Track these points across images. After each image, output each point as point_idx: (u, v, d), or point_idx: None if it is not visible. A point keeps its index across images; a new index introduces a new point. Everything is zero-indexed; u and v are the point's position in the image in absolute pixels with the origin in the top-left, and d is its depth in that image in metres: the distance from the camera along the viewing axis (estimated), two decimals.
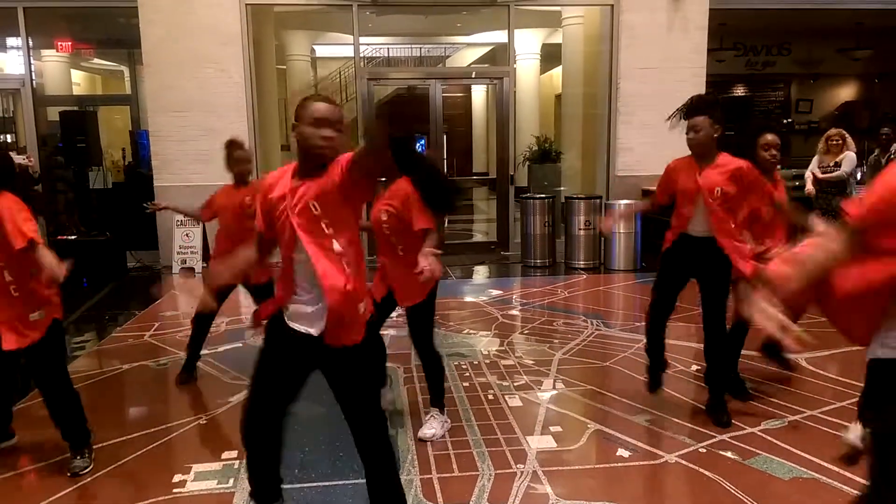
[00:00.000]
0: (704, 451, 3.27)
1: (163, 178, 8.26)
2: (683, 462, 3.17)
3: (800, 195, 6.92)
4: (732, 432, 3.46)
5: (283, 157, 12.52)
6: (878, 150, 7.21)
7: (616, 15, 8.61)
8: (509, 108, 9.00)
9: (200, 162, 8.19)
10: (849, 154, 7.00)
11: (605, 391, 4.10)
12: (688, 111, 3.51)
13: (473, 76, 12.05)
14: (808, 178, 7.14)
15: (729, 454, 3.23)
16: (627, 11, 8.52)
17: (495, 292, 6.87)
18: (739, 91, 12.80)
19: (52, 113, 9.26)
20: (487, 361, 4.66)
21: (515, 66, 9.76)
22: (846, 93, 13.48)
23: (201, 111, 8.14)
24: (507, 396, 4.01)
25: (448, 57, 16.03)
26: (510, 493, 2.90)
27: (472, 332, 5.44)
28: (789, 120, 13.08)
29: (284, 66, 13.68)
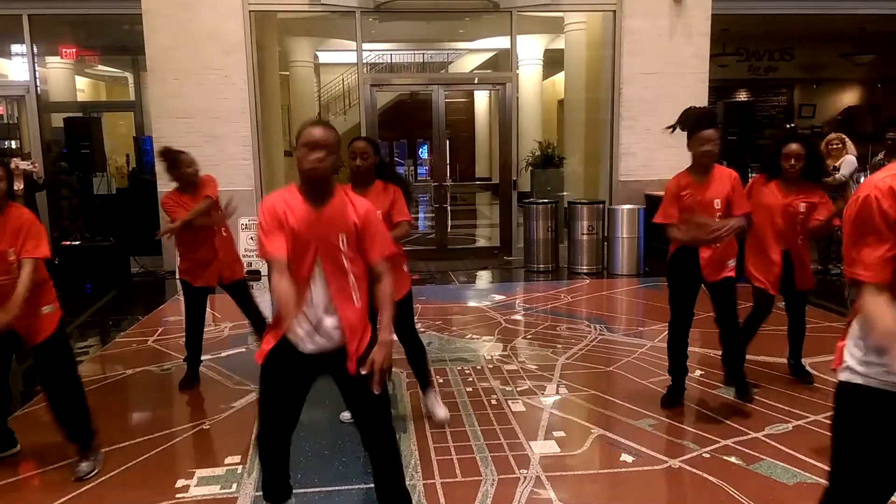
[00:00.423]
0: (708, 455, 3.26)
1: (166, 184, 8.19)
2: (687, 467, 3.16)
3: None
4: (736, 437, 3.45)
5: (287, 162, 12.56)
6: (882, 154, 7.21)
7: (618, 20, 8.63)
8: (512, 114, 9.02)
9: (204, 168, 8.13)
10: (848, 157, 6.99)
11: (609, 396, 4.09)
12: (702, 122, 3.53)
13: (476, 82, 12.09)
14: None
15: (733, 459, 3.22)
16: (630, 17, 8.54)
17: (498, 297, 6.87)
18: (742, 96, 12.80)
19: (57, 119, 9.30)
20: (490, 366, 4.66)
21: (518, 71, 9.77)
22: (849, 98, 13.48)
23: (205, 117, 8.17)
24: (510, 401, 4.01)
25: (451, 63, 16.06)
26: (513, 499, 2.89)
27: (475, 336, 5.44)
28: (792, 125, 13.07)
29: (288, 73, 13.73)
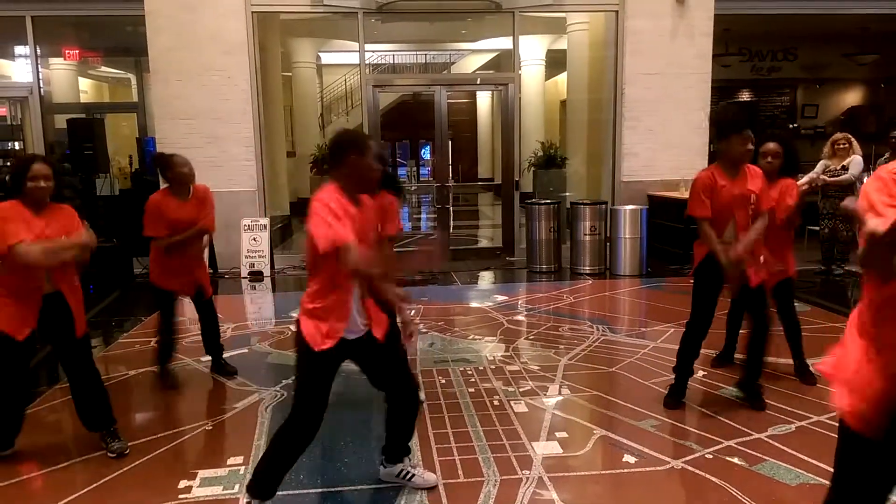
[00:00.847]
0: (711, 456, 3.26)
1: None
2: (690, 468, 3.16)
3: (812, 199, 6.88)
4: (739, 438, 3.44)
5: (289, 163, 12.58)
6: (888, 154, 7.18)
7: (621, 21, 8.62)
8: (514, 114, 9.01)
9: (206, 168, 8.19)
10: (855, 157, 6.97)
11: (611, 397, 4.09)
12: (743, 120, 3.56)
13: (478, 82, 12.09)
14: (808, 179, 7.00)
15: (736, 460, 3.21)
16: (632, 17, 8.53)
17: (501, 298, 6.87)
18: (745, 96, 12.79)
19: (60, 120, 9.32)
20: (493, 367, 4.66)
21: (520, 72, 9.78)
22: (852, 97, 13.46)
23: (208, 118, 8.18)
24: (512, 402, 4.01)
25: (453, 63, 16.08)
26: (516, 500, 2.89)
27: (477, 337, 5.44)
28: (795, 125, 13.06)
29: (290, 74, 13.75)
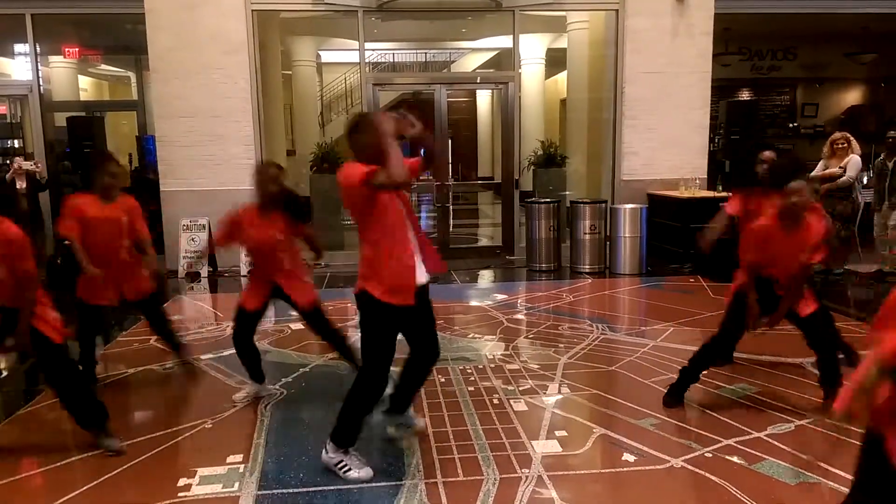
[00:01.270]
0: (711, 455, 3.26)
1: (169, 184, 8.30)
2: (689, 467, 3.16)
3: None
4: (738, 436, 3.44)
5: (289, 162, 12.55)
6: (884, 154, 7.19)
7: (621, 20, 8.62)
8: (514, 113, 9.01)
9: (206, 167, 8.24)
10: (853, 158, 6.97)
11: (611, 395, 4.09)
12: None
13: (478, 81, 12.08)
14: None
15: (735, 459, 3.21)
16: (632, 16, 8.53)
17: (500, 296, 6.87)
18: (745, 95, 12.77)
19: (60, 118, 9.33)
20: (492, 366, 4.66)
21: (520, 70, 9.76)
22: (852, 97, 13.44)
23: (207, 116, 8.18)
24: (512, 401, 4.01)
25: (453, 62, 16.04)
26: (515, 498, 2.89)
27: (477, 336, 5.44)
28: (795, 124, 13.05)
29: (290, 72, 13.72)
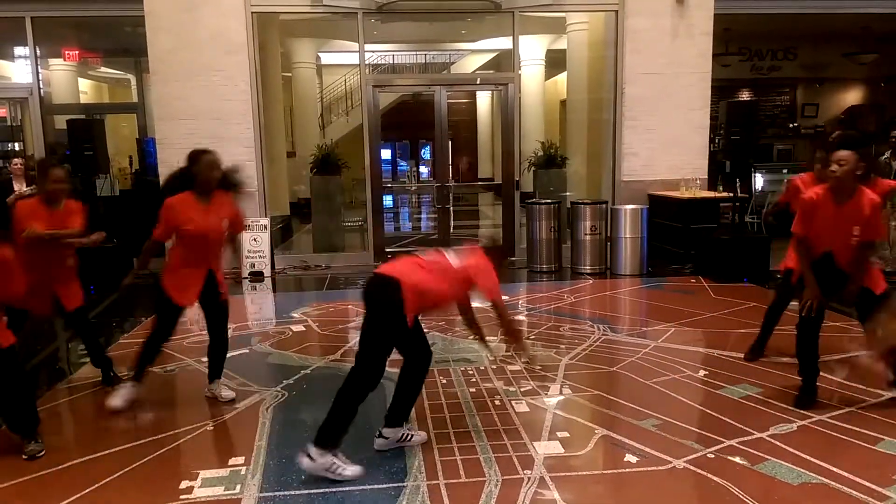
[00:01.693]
0: (713, 456, 3.26)
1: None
2: (691, 467, 3.16)
3: None
4: (740, 437, 3.44)
5: (289, 164, 12.57)
6: (888, 153, 7.18)
7: (621, 20, 8.61)
8: (514, 114, 9.00)
9: None
10: None
11: (613, 396, 4.09)
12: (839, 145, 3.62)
13: (478, 82, 12.05)
14: None
15: (737, 459, 3.21)
16: (632, 17, 8.52)
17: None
18: (745, 96, 12.77)
19: (60, 121, 9.32)
20: (494, 367, 4.66)
21: (520, 72, 9.75)
22: (852, 97, 13.45)
23: (208, 119, 8.17)
24: (513, 402, 4.01)
25: (453, 63, 16.06)
26: (517, 500, 2.89)
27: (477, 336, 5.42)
28: (795, 124, 13.06)
29: (290, 74, 13.74)
